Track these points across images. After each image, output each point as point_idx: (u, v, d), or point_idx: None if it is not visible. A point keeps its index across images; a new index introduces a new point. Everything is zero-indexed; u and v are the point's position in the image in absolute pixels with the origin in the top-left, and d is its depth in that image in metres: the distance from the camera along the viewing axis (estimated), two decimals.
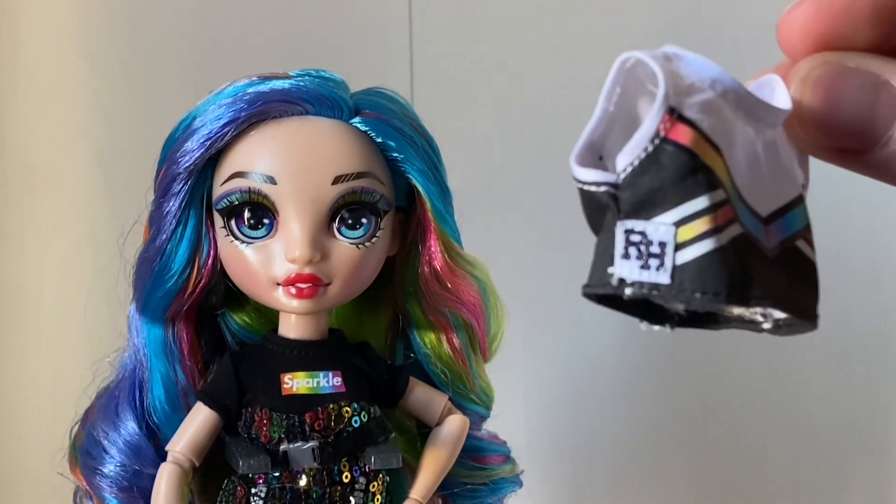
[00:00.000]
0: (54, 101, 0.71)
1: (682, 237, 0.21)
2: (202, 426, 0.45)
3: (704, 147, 0.21)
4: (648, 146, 0.21)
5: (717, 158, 0.21)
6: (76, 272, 0.71)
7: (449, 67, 0.75)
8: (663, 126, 0.21)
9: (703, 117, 0.21)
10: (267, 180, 0.43)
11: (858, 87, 0.23)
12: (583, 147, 0.22)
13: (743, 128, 0.22)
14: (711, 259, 0.20)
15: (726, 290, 0.21)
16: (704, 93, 0.21)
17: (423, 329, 0.49)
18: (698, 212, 0.21)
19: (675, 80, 0.21)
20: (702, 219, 0.21)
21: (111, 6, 0.71)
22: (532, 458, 0.57)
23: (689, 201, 0.21)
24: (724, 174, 0.21)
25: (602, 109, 0.22)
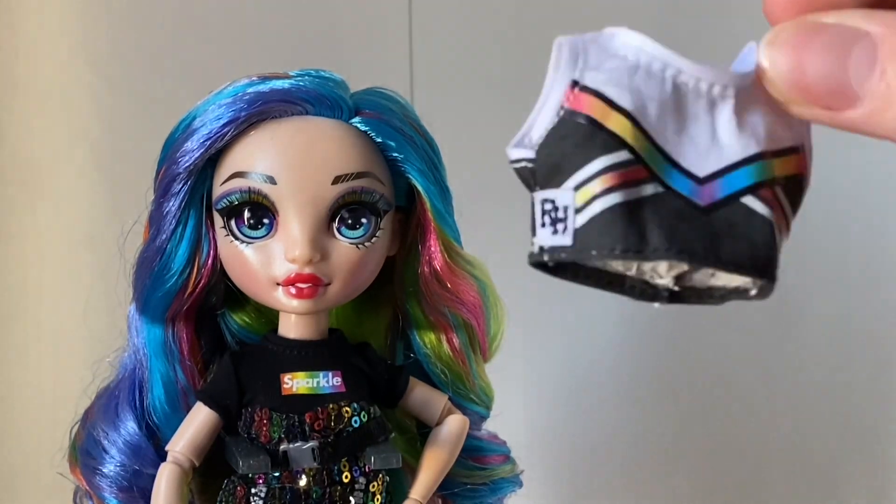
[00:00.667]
0: (54, 101, 0.71)
1: (580, 199, 0.22)
2: (202, 426, 0.45)
3: (607, 112, 0.22)
4: (554, 118, 0.23)
5: (626, 122, 0.22)
6: (76, 272, 0.71)
7: (449, 67, 0.75)
8: (566, 98, 0.23)
9: (610, 86, 0.22)
10: (267, 180, 0.43)
11: (827, 43, 0.22)
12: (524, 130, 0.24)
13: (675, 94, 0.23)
14: (605, 217, 0.22)
15: (621, 246, 0.22)
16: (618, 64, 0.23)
17: (423, 329, 0.49)
18: (595, 173, 0.22)
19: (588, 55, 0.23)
20: (598, 179, 0.22)
21: (111, 6, 0.71)
22: (532, 458, 0.57)
23: (587, 164, 0.22)
24: (635, 137, 0.22)
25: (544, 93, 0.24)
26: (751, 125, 0.23)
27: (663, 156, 0.23)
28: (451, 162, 0.48)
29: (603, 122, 0.22)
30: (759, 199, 0.23)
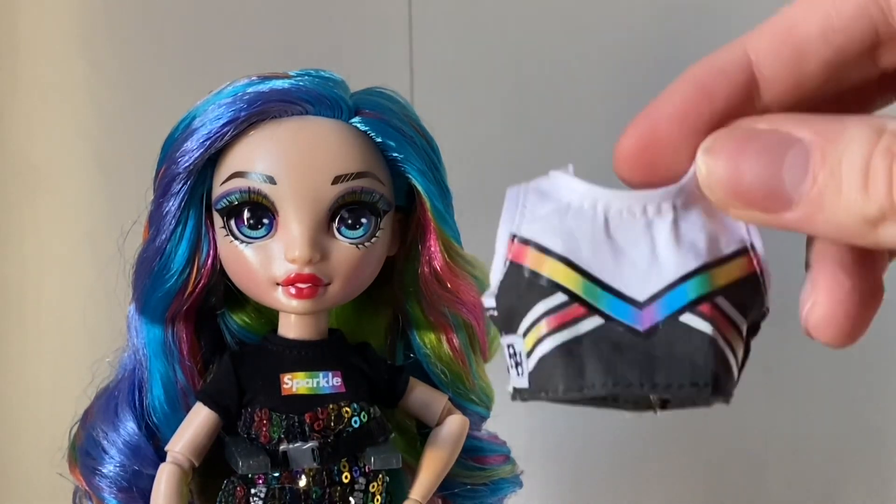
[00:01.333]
0: (54, 101, 0.71)
1: (528, 344, 0.24)
2: (202, 426, 0.45)
3: (542, 260, 0.24)
4: (503, 269, 0.24)
5: (559, 265, 0.24)
6: (76, 272, 0.71)
7: (449, 67, 0.75)
8: (508, 250, 0.24)
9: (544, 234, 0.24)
10: (266, 180, 0.43)
11: (761, 150, 0.23)
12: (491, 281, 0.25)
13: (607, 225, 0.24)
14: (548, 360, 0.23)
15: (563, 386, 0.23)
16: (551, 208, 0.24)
17: (423, 329, 0.49)
18: (536, 318, 0.24)
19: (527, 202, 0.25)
20: (539, 324, 0.23)
21: (111, 6, 0.71)
22: (532, 458, 0.57)
23: (530, 311, 0.24)
24: (569, 278, 0.24)
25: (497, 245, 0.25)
26: (690, 238, 0.24)
27: (602, 287, 0.24)
28: (451, 162, 0.48)
29: (539, 271, 0.24)
30: (697, 315, 0.24)
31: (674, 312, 0.24)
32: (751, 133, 0.23)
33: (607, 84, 0.75)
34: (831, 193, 0.22)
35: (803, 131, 0.22)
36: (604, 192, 0.24)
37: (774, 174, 0.22)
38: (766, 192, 0.23)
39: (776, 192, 0.23)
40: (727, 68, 0.24)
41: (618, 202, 0.24)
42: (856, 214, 0.22)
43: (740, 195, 0.23)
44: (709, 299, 0.24)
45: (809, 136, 0.22)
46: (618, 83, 0.74)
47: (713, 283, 0.24)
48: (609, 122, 0.75)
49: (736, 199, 0.23)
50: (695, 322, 0.24)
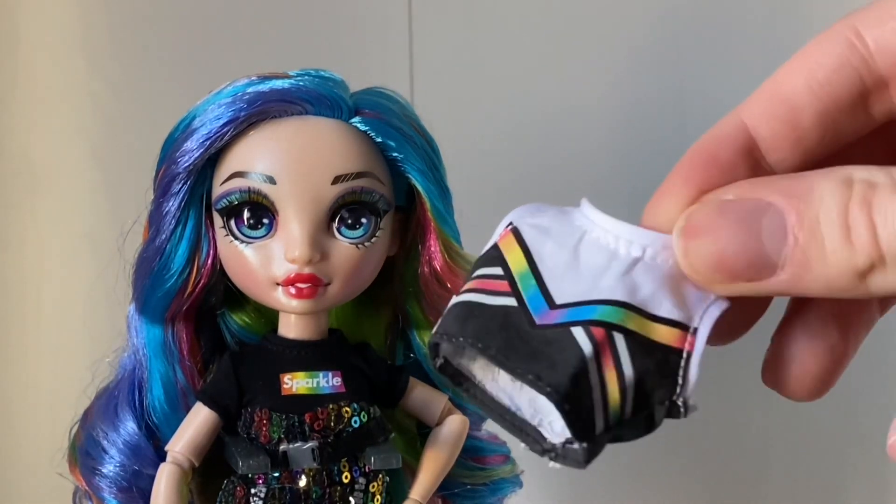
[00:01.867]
0: (54, 101, 0.71)
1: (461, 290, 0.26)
2: (202, 426, 0.45)
3: (511, 244, 0.26)
4: (489, 245, 0.27)
5: (518, 253, 0.26)
6: (76, 272, 0.71)
7: (449, 67, 0.75)
8: (500, 235, 0.27)
9: (530, 231, 0.26)
10: (266, 180, 0.43)
11: (736, 220, 0.23)
12: None
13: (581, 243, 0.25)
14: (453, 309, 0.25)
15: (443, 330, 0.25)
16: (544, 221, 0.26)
17: (423, 329, 0.49)
18: (472, 276, 0.26)
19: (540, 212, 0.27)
20: (471, 281, 0.26)
21: (111, 6, 0.71)
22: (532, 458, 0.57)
23: (475, 271, 0.26)
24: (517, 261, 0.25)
25: None
26: (636, 281, 0.24)
27: (536, 280, 0.25)
28: (451, 162, 0.48)
29: (503, 250, 0.26)
30: (586, 332, 0.24)
31: (569, 321, 0.24)
32: (722, 206, 0.23)
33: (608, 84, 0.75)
34: (816, 251, 0.22)
35: (772, 195, 0.22)
36: (605, 219, 0.25)
37: (754, 243, 0.22)
38: (748, 261, 0.23)
39: (759, 259, 0.23)
40: (726, 136, 0.24)
41: (601, 230, 0.25)
42: (844, 268, 0.22)
43: (723, 270, 0.23)
44: (606, 327, 0.24)
45: (780, 199, 0.22)
46: (618, 83, 0.74)
47: (623, 321, 0.24)
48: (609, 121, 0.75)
49: (720, 274, 0.23)
50: (580, 337, 0.24)
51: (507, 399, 0.26)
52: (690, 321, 0.24)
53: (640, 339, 0.24)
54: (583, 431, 0.24)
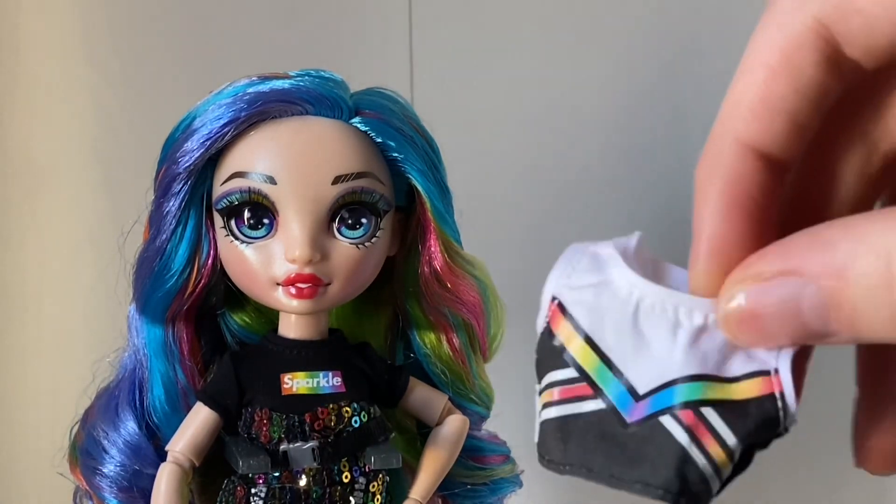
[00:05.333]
0: (54, 101, 0.71)
1: (541, 402, 0.26)
2: (202, 426, 0.45)
3: (571, 335, 0.25)
4: (544, 322, 0.26)
5: (583, 344, 0.25)
6: (76, 272, 0.71)
7: (449, 67, 0.75)
8: (549, 309, 0.26)
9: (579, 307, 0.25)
10: (267, 180, 0.43)
11: (778, 305, 0.23)
12: None
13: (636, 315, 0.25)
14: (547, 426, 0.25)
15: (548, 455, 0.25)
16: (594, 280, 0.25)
17: (423, 329, 0.49)
18: (550, 384, 0.25)
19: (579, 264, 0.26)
20: (550, 390, 0.25)
21: (111, 6, 0.71)
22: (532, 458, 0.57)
23: (547, 374, 0.26)
24: (587, 356, 0.25)
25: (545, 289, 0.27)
26: (704, 349, 0.24)
27: (614, 372, 0.25)
28: (451, 162, 0.48)
29: (566, 345, 0.25)
30: (675, 420, 0.24)
31: (656, 412, 0.24)
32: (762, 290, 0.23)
33: (608, 83, 0.75)
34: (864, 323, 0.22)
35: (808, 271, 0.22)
36: (645, 283, 0.25)
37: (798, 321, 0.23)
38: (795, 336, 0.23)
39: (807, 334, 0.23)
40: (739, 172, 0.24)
41: (654, 295, 0.25)
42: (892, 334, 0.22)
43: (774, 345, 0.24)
44: (693, 407, 0.24)
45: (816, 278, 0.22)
46: (618, 83, 0.74)
47: (706, 394, 0.24)
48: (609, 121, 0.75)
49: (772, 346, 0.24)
50: (672, 426, 0.24)
51: None
52: (767, 367, 0.25)
53: (729, 405, 0.24)
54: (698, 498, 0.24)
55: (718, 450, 0.24)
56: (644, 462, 0.24)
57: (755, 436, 0.25)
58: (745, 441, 0.24)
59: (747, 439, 0.24)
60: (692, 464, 0.24)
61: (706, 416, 0.24)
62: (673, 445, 0.24)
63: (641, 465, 0.24)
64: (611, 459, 0.24)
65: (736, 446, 0.24)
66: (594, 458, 0.24)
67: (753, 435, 0.24)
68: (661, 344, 0.25)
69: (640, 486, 0.24)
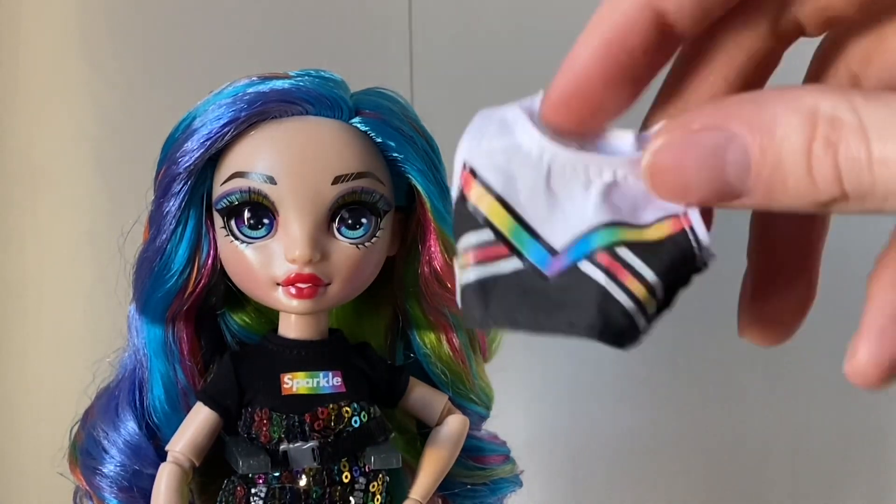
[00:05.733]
0: (54, 101, 0.71)
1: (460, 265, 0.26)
2: (202, 426, 0.45)
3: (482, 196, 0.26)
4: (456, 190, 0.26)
5: (495, 205, 0.26)
6: (76, 272, 0.71)
7: (449, 67, 0.75)
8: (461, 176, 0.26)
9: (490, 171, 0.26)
10: (267, 180, 0.43)
11: (702, 157, 0.23)
12: None
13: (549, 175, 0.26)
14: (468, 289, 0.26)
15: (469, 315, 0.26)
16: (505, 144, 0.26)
17: (423, 329, 0.49)
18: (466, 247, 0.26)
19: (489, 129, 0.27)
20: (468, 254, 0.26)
21: (111, 6, 0.71)
22: (532, 458, 0.57)
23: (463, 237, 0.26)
24: (502, 217, 0.26)
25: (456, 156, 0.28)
26: (616, 200, 0.26)
27: (528, 231, 0.26)
28: (452, 162, 0.48)
29: (477, 206, 0.26)
30: (594, 264, 0.25)
31: (575, 260, 0.25)
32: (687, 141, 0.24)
33: None
34: (779, 186, 0.23)
35: (737, 125, 0.23)
36: (554, 145, 0.26)
37: (719, 177, 0.23)
38: (714, 192, 0.24)
39: (724, 189, 0.23)
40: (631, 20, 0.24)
41: (563, 157, 0.26)
42: (806, 200, 0.23)
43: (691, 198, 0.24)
44: (608, 249, 0.25)
45: (745, 132, 0.23)
46: None
47: (620, 237, 0.25)
48: None
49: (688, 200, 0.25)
50: (590, 270, 0.25)
51: None
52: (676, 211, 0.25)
53: (643, 245, 0.25)
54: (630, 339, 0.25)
55: (638, 286, 0.25)
56: (567, 307, 0.25)
57: (674, 272, 0.25)
58: (665, 277, 0.25)
59: (667, 275, 0.25)
60: (613, 301, 0.25)
61: (622, 255, 0.25)
62: (593, 287, 0.25)
63: (565, 309, 0.25)
64: (535, 310, 0.25)
65: (655, 282, 0.25)
66: (518, 312, 0.25)
67: (672, 271, 0.25)
68: (573, 202, 0.25)
69: (565, 326, 0.25)
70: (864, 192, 0.22)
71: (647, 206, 0.26)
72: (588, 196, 0.25)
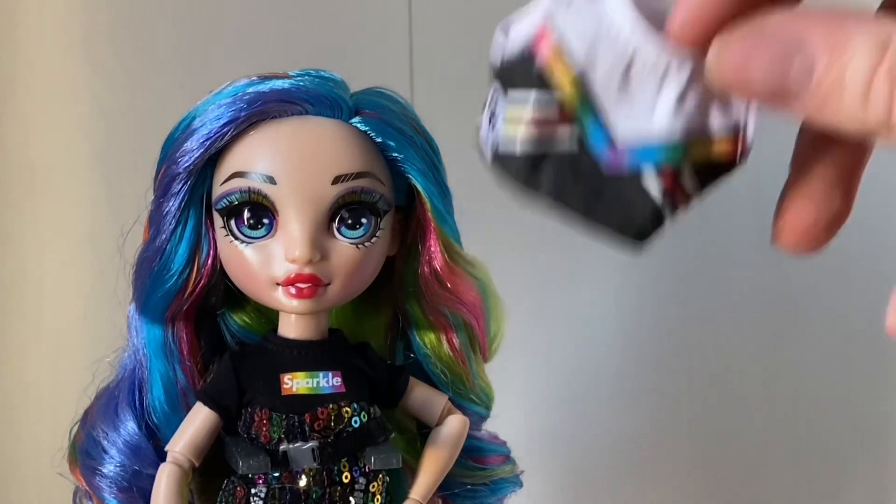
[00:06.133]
0: (54, 101, 0.71)
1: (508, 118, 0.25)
2: (202, 426, 0.45)
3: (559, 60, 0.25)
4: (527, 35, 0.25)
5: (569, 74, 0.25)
6: (76, 272, 0.71)
7: (449, 67, 0.75)
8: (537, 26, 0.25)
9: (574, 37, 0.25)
10: (266, 180, 0.43)
11: (771, 53, 0.24)
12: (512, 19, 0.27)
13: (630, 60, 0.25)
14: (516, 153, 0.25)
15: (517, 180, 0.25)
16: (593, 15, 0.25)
17: (423, 329, 0.49)
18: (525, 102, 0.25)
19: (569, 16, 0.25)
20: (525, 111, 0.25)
21: (111, 6, 0.71)
22: (532, 458, 0.57)
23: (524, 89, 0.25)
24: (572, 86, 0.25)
25: None
26: (689, 107, 0.25)
27: (593, 110, 0.25)
28: (451, 162, 0.48)
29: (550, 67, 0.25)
30: (655, 178, 0.25)
31: (638, 166, 0.25)
32: (760, 38, 0.24)
33: None
34: (834, 101, 0.23)
35: (811, 36, 0.23)
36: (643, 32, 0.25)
37: (782, 78, 0.24)
38: (772, 91, 0.24)
39: (782, 92, 0.24)
40: None
41: (648, 50, 0.25)
42: (854, 122, 0.23)
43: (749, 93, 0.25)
44: (675, 170, 0.25)
45: (816, 44, 0.23)
46: None
47: (687, 156, 0.25)
48: None
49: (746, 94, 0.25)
50: (651, 186, 0.25)
51: None
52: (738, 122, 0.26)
53: (704, 167, 0.26)
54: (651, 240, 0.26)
55: (683, 200, 0.26)
56: (618, 210, 0.25)
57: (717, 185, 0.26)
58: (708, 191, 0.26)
59: (710, 189, 0.26)
60: (660, 220, 0.26)
61: (683, 179, 0.25)
62: (648, 203, 0.25)
63: (615, 212, 0.25)
64: (586, 198, 0.25)
65: (697, 195, 0.26)
66: (569, 193, 0.25)
67: (713, 186, 0.26)
68: (644, 95, 0.25)
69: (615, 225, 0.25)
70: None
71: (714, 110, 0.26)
72: (660, 94, 0.25)
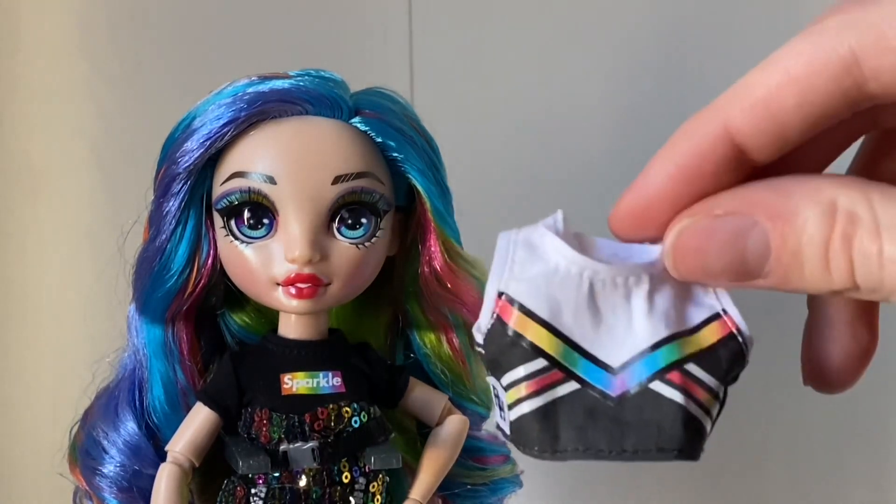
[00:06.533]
0: (54, 101, 0.71)
1: (509, 399, 0.25)
2: (202, 426, 0.45)
3: (526, 323, 0.25)
4: (490, 319, 0.26)
5: (542, 331, 0.25)
6: (76, 272, 0.71)
7: (449, 67, 0.75)
8: (495, 304, 0.26)
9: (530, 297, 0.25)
10: (267, 180, 0.43)
11: (723, 241, 0.24)
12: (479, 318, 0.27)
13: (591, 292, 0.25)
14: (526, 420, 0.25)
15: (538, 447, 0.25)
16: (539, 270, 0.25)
17: (423, 329, 0.49)
18: (517, 379, 0.25)
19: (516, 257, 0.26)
20: (520, 385, 0.25)
21: (111, 6, 0.71)
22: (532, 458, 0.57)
23: (511, 370, 0.25)
24: (551, 343, 0.25)
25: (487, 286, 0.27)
26: (662, 308, 0.26)
27: (580, 352, 0.25)
28: (451, 162, 0.48)
29: (523, 333, 0.25)
30: (666, 383, 0.25)
31: (644, 380, 0.25)
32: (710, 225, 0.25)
33: (608, 84, 0.75)
34: (796, 272, 0.24)
35: (759, 213, 0.24)
36: (589, 261, 0.26)
37: (739, 260, 0.24)
38: (734, 272, 0.24)
39: (743, 272, 0.24)
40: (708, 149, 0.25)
41: (603, 272, 0.26)
42: (821, 287, 0.24)
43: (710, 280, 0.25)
44: (678, 367, 0.25)
45: (766, 220, 0.24)
46: (618, 83, 0.74)
47: (683, 351, 0.25)
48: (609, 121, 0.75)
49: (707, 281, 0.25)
50: (664, 390, 0.25)
51: None
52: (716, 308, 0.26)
53: (703, 354, 0.26)
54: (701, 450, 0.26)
55: (707, 396, 0.25)
56: (649, 428, 0.25)
57: (731, 373, 0.26)
58: (725, 381, 0.26)
59: (726, 378, 0.26)
60: (693, 419, 0.25)
61: (691, 371, 0.25)
62: (672, 407, 0.25)
63: (648, 432, 0.25)
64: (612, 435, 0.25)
65: (719, 387, 0.26)
66: (593, 437, 0.25)
67: (729, 374, 0.26)
68: (617, 315, 0.25)
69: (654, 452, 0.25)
70: (873, 286, 0.23)
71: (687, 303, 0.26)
72: (631, 308, 0.25)
